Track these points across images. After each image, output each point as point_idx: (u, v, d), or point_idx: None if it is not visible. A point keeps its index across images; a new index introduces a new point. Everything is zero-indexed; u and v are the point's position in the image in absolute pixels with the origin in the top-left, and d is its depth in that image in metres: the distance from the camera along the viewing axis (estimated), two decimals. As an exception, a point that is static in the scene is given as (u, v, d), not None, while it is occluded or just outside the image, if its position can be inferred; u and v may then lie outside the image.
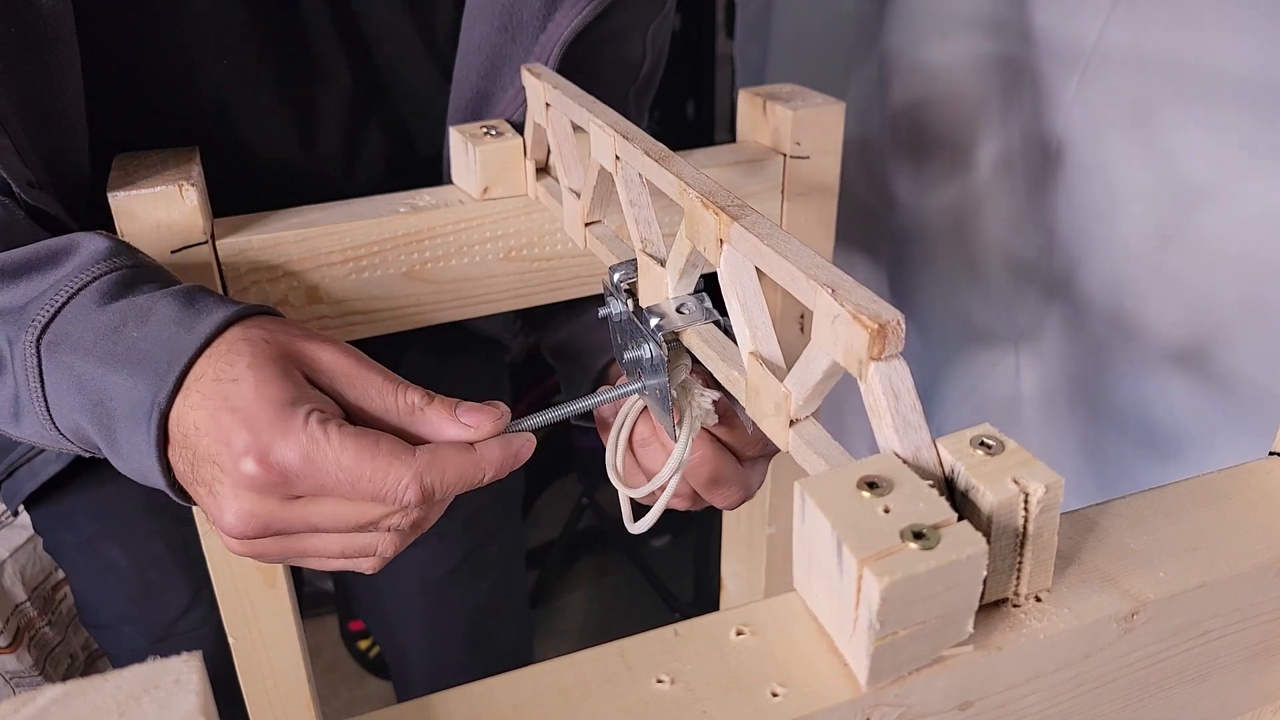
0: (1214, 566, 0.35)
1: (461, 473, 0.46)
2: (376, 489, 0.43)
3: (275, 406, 0.43)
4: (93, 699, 0.25)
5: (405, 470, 0.44)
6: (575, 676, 0.32)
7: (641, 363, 0.49)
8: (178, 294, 0.48)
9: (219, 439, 0.43)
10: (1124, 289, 0.80)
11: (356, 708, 1.61)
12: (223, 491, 0.44)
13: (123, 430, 0.46)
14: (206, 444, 0.44)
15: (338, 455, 0.43)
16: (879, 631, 0.29)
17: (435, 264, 0.62)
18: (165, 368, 0.45)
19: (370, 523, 0.45)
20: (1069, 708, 0.35)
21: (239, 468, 0.43)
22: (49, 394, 0.48)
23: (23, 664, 1.22)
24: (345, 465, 0.43)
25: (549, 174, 0.63)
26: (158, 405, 0.45)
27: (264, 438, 0.42)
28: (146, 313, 0.47)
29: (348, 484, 0.43)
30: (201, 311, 0.47)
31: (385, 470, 0.43)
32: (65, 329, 0.47)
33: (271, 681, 0.71)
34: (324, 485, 0.43)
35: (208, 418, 0.44)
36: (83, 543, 0.83)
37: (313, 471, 0.43)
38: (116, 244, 0.51)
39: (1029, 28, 0.82)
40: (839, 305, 0.34)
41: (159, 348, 0.46)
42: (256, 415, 0.43)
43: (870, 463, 0.33)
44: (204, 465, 0.44)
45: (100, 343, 0.47)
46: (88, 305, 0.48)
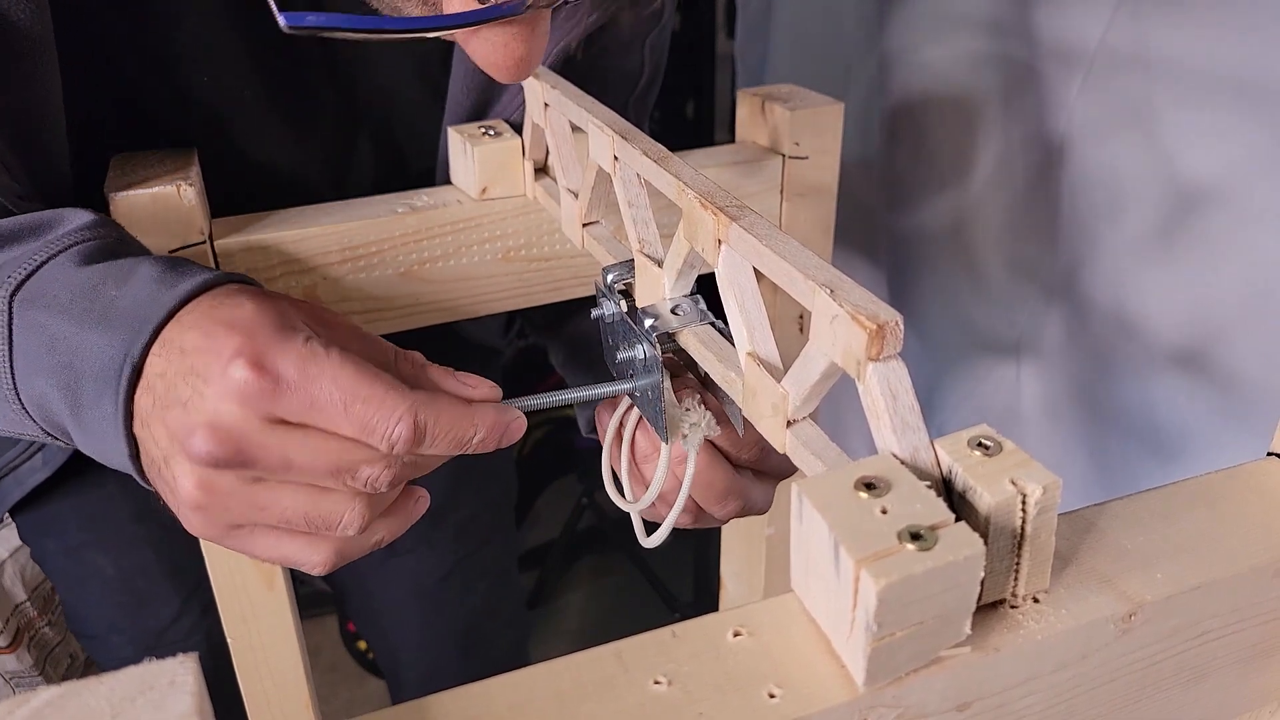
0: (1211, 567, 0.35)
1: (454, 422, 0.43)
2: (369, 415, 0.41)
3: (275, 325, 0.41)
4: (87, 700, 0.25)
5: (401, 400, 0.41)
6: (572, 678, 0.31)
7: (634, 363, 0.49)
8: (161, 258, 0.47)
9: (208, 350, 0.41)
10: (1125, 290, 0.80)
11: (356, 708, 1.61)
12: (199, 405, 0.40)
13: (89, 393, 0.43)
14: (191, 360, 0.41)
15: (335, 371, 0.41)
16: (876, 633, 0.29)
17: (433, 264, 0.62)
18: (141, 323, 0.43)
19: (350, 467, 0.42)
20: (1067, 709, 0.35)
21: (227, 372, 0.40)
22: (16, 356, 0.46)
23: (23, 664, 1.22)
24: (342, 383, 0.40)
25: (547, 174, 0.63)
26: (130, 359, 0.42)
27: (259, 343, 0.40)
28: (127, 274, 0.45)
29: (340, 404, 0.40)
30: (185, 273, 0.45)
31: (382, 395, 0.41)
32: (41, 287, 0.46)
33: (270, 682, 0.71)
34: (315, 402, 0.40)
35: (199, 334, 0.41)
36: (69, 550, 0.81)
37: (306, 384, 0.40)
38: (102, 217, 0.50)
39: (1031, 28, 0.82)
40: (837, 306, 0.34)
41: (137, 305, 0.44)
42: (253, 327, 0.41)
43: (868, 463, 0.33)
44: (183, 383, 0.41)
45: (77, 301, 0.45)
46: (67, 265, 0.46)
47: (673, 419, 0.50)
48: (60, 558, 0.83)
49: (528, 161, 0.63)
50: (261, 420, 0.40)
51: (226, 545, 0.45)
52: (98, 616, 0.84)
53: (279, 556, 0.45)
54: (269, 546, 0.45)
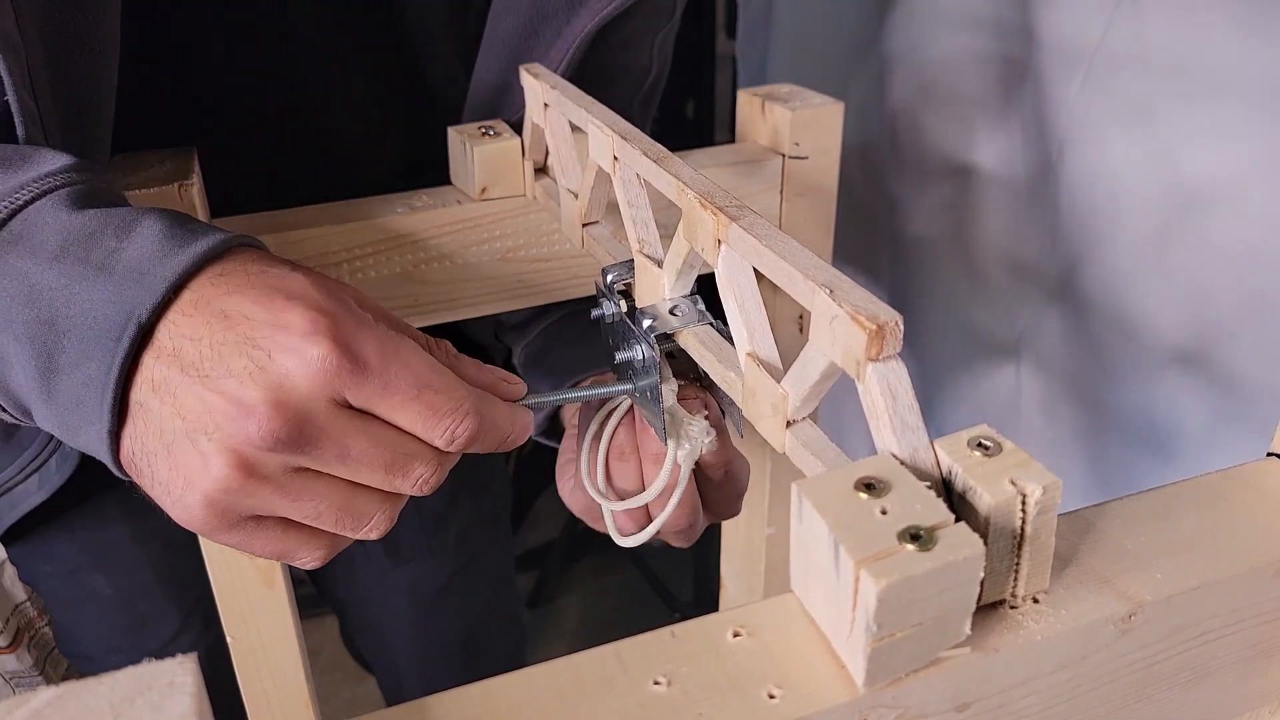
0: (1211, 568, 0.35)
1: (499, 423, 0.43)
2: (439, 405, 0.40)
3: (339, 300, 0.39)
4: (86, 701, 0.25)
5: (468, 395, 0.41)
6: (572, 678, 0.31)
7: (633, 364, 0.49)
8: (165, 212, 0.42)
9: (272, 323, 0.38)
10: (1125, 289, 0.80)
11: (356, 708, 1.61)
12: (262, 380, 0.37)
13: (71, 354, 0.38)
14: (248, 330, 0.38)
15: (410, 359, 0.39)
16: (876, 633, 0.29)
17: (433, 264, 0.62)
18: (156, 279, 0.38)
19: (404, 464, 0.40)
20: (1066, 709, 0.35)
21: (304, 349, 0.37)
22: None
23: (23, 664, 1.22)
24: (416, 371, 0.39)
25: (547, 174, 0.63)
26: (136, 319, 0.38)
27: (339, 323, 0.38)
28: (130, 223, 0.40)
29: (414, 391, 0.39)
30: (197, 231, 0.41)
31: (452, 386, 0.40)
32: (25, 230, 0.40)
33: (270, 682, 0.71)
34: (389, 386, 0.39)
35: (254, 303, 0.38)
36: (64, 575, 0.80)
37: (385, 368, 0.38)
38: (81, 160, 0.44)
39: (1031, 27, 0.82)
40: (837, 306, 0.34)
41: (147, 260, 0.39)
42: (321, 301, 0.38)
43: (867, 464, 0.33)
44: (237, 353, 0.37)
45: (70, 249, 0.39)
46: (57, 207, 0.41)
47: (674, 423, 0.50)
48: (55, 581, 0.81)
49: (527, 161, 0.63)
50: (329, 402, 0.38)
51: (224, 539, 0.41)
52: (94, 638, 0.83)
53: (278, 551, 0.42)
54: (271, 540, 0.42)
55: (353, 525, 0.42)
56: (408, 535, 0.89)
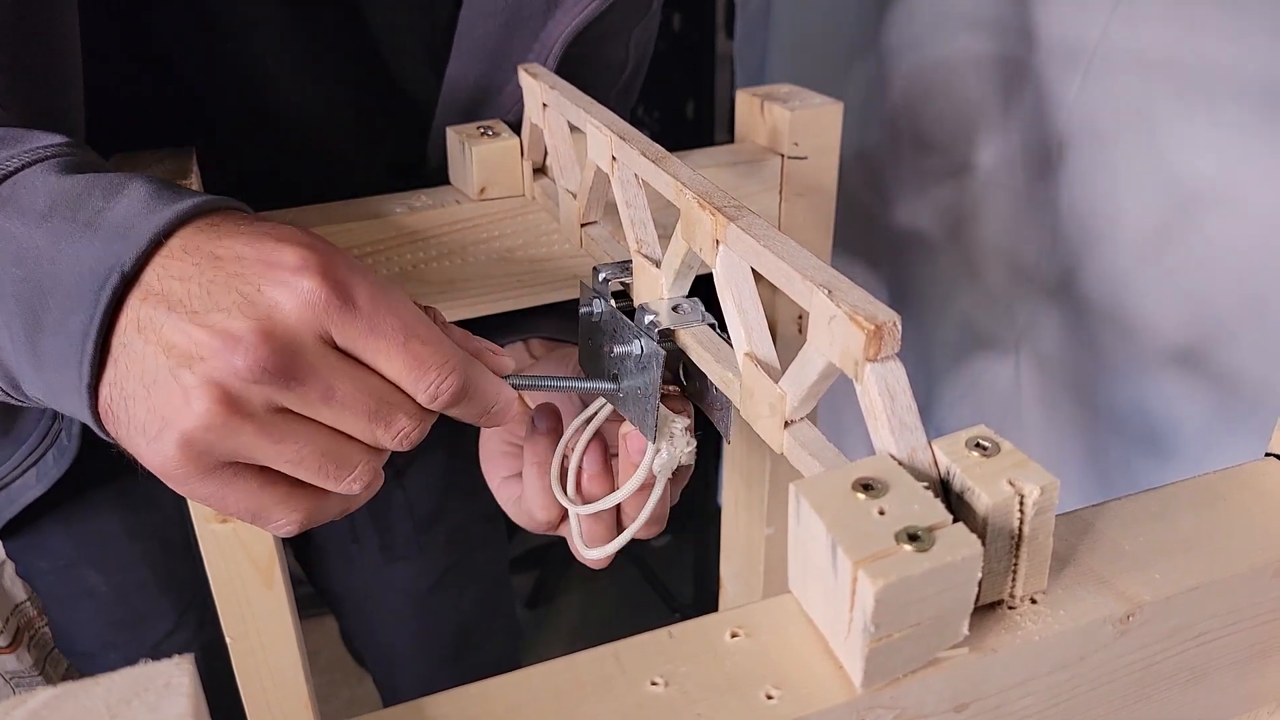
0: (1210, 568, 0.35)
1: (487, 390, 0.43)
2: (425, 356, 0.39)
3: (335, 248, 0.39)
4: (83, 702, 0.25)
5: (454, 352, 0.41)
6: (570, 678, 0.31)
7: (629, 359, 0.49)
8: (154, 176, 0.42)
9: (262, 260, 0.37)
10: (1124, 289, 0.80)
11: (356, 708, 1.61)
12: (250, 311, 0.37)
13: (56, 312, 0.38)
14: (235, 268, 0.37)
15: (401, 306, 0.39)
16: (874, 634, 0.29)
17: (432, 264, 0.62)
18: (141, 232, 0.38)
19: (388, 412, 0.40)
20: (1064, 710, 0.35)
21: (295, 281, 0.37)
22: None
23: (23, 664, 1.22)
24: (405, 319, 0.39)
25: (546, 174, 0.63)
26: (120, 270, 0.37)
27: (330, 260, 0.38)
28: (118, 185, 0.40)
29: (401, 337, 0.39)
30: (185, 193, 0.41)
31: (440, 340, 0.40)
32: (14, 193, 0.40)
33: (270, 682, 0.71)
34: (376, 329, 0.38)
35: (245, 244, 0.38)
36: (61, 569, 0.80)
37: (373, 311, 0.38)
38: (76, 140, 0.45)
39: (1030, 28, 0.82)
40: (835, 306, 0.34)
41: (133, 216, 0.39)
42: (314, 243, 0.38)
43: (865, 464, 0.33)
44: (224, 290, 0.37)
45: (57, 209, 0.39)
46: (47, 173, 0.41)
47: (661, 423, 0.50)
48: (50, 576, 0.81)
49: (526, 162, 0.63)
50: (316, 337, 0.38)
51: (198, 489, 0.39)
52: (90, 634, 0.83)
53: (254, 507, 0.41)
54: (248, 494, 0.40)
55: (335, 473, 0.40)
56: (400, 533, 0.90)
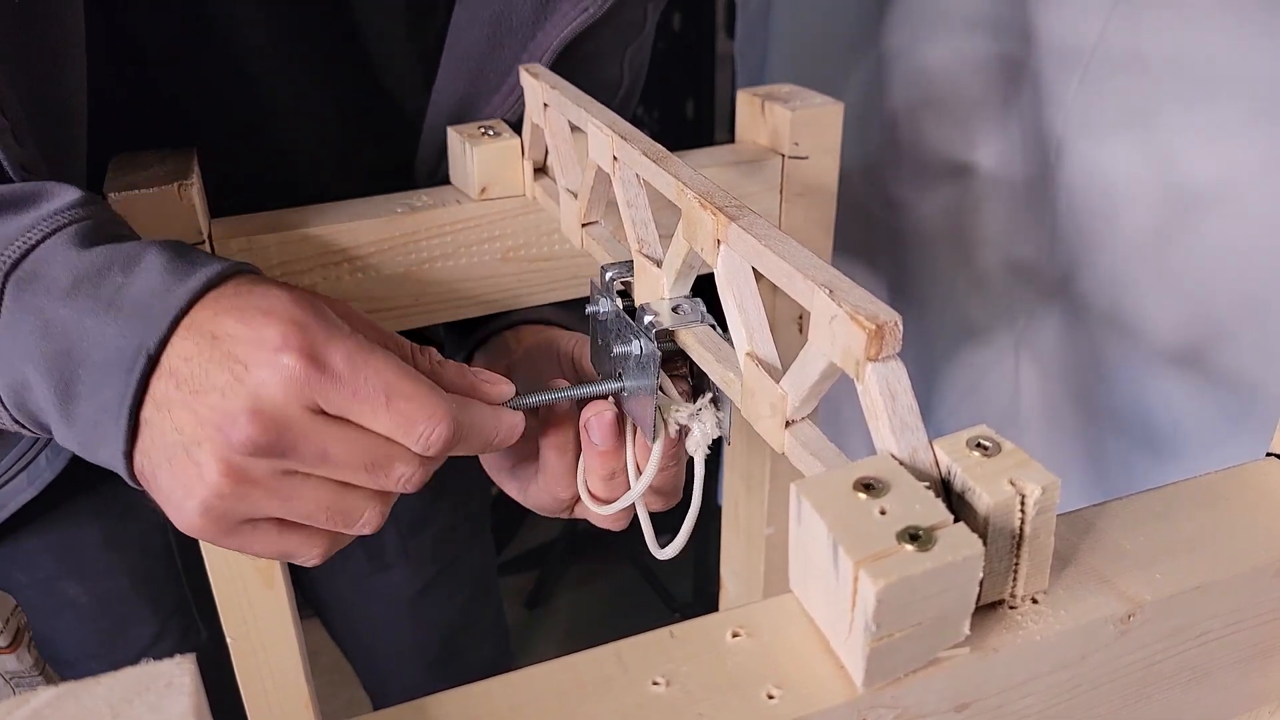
0: (1211, 568, 0.35)
1: (482, 426, 0.45)
2: (410, 412, 0.42)
3: (315, 314, 0.42)
4: (85, 702, 0.25)
5: (441, 402, 0.43)
6: (571, 678, 0.31)
7: (629, 359, 0.49)
8: (166, 243, 0.45)
9: (250, 339, 0.40)
10: (1124, 289, 0.80)
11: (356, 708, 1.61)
12: (240, 391, 0.40)
13: (88, 384, 0.42)
14: (229, 346, 0.41)
15: (380, 366, 0.41)
16: (875, 633, 0.29)
17: (432, 264, 0.62)
18: (159, 313, 0.42)
19: (384, 463, 0.43)
20: (1065, 709, 0.35)
21: (275, 360, 0.40)
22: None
23: (23, 664, 1.22)
24: (386, 378, 0.41)
25: (547, 174, 0.63)
26: (145, 351, 0.41)
27: (308, 334, 0.41)
28: (133, 259, 0.44)
29: (383, 398, 0.41)
30: (195, 262, 0.44)
31: (424, 395, 0.42)
32: (37, 269, 0.43)
33: (270, 683, 0.71)
34: (358, 393, 0.41)
35: (235, 321, 0.41)
36: (40, 582, 0.79)
37: (353, 376, 0.41)
38: (89, 194, 0.48)
39: (1029, 28, 0.82)
40: (836, 306, 0.34)
41: (151, 295, 0.42)
42: (296, 315, 0.41)
43: (866, 464, 0.33)
44: (218, 370, 0.40)
45: (80, 286, 0.43)
46: (65, 246, 0.44)
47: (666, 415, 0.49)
48: (30, 590, 0.80)
49: (527, 161, 0.63)
50: (303, 408, 0.41)
51: (225, 543, 0.44)
52: (73, 644, 0.83)
53: (277, 551, 0.45)
54: (271, 542, 0.44)
55: (344, 522, 0.44)
56: (387, 540, 0.90)
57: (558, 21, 0.61)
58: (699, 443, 0.49)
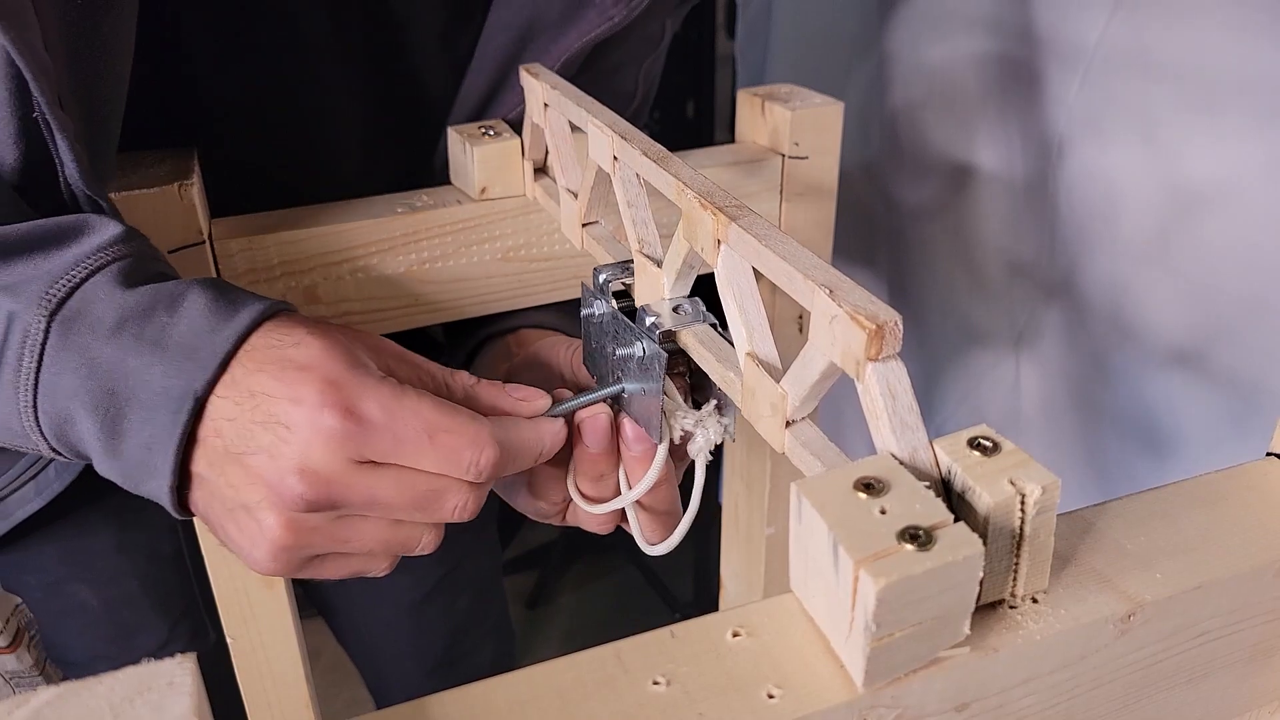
0: (1211, 568, 0.35)
1: (526, 442, 0.46)
2: (454, 444, 0.43)
3: (348, 365, 0.42)
4: (86, 701, 0.25)
5: (482, 428, 0.44)
6: (572, 677, 0.32)
7: (631, 361, 0.49)
8: (207, 283, 0.46)
9: (288, 397, 0.42)
10: (1124, 290, 0.80)
11: (356, 708, 1.61)
12: (288, 452, 0.41)
13: (135, 422, 0.43)
14: (269, 406, 0.42)
15: (416, 406, 0.42)
16: (875, 633, 0.29)
17: (433, 264, 0.62)
18: (206, 355, 0.43)
19: (434, 499, 0.44)
20: (1065, 709, 0.35)
21: (316, 420, 0.41)
22: (43, 377, 0.44)
23: (23, 664, 1.22)
24: (425, 417, 0.42)
25: (547, 174, 0.63)
26: (193, 394, 0.42)
27: (344, 389, 0.42)
28: (177, 299, 0.45)
29: (426, 438, 0.42)
30: (237, 302, 0.45)
31: (464, 426, 0.43)
32: (82, 308, 0.44)
33: (270, 682, 0.71)
34: (400, 438, 0.42)
35: (271, 379, 0.42)
36: (47, 585, 0.79)
37: (391, 423, 0.42)
38: (129, 228, 0.48)
39: (1030, 28, 0.82)
40: (837, 306, 0.34)
41: (195, 335, 0.44)
42: (330, 370, 0.42)
43: (867, 464, 0.33)
44: (262, 430, 0.42)
45: (125, 326, 0.44)
46: (110, 285, 0.45)
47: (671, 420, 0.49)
48: (38, 592, 0.81)
49: (527, 161, 0.63)
50: (348, 461, 0.42)
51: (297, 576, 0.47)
52: (82, 647, 0.83)
53: (348, 572, 0.47)
54: (338, 568, 0.47)
55: (403, 549, 0.46)
56: None
57: (583, 28, 0.62)
58: (701, 447, 0.49)
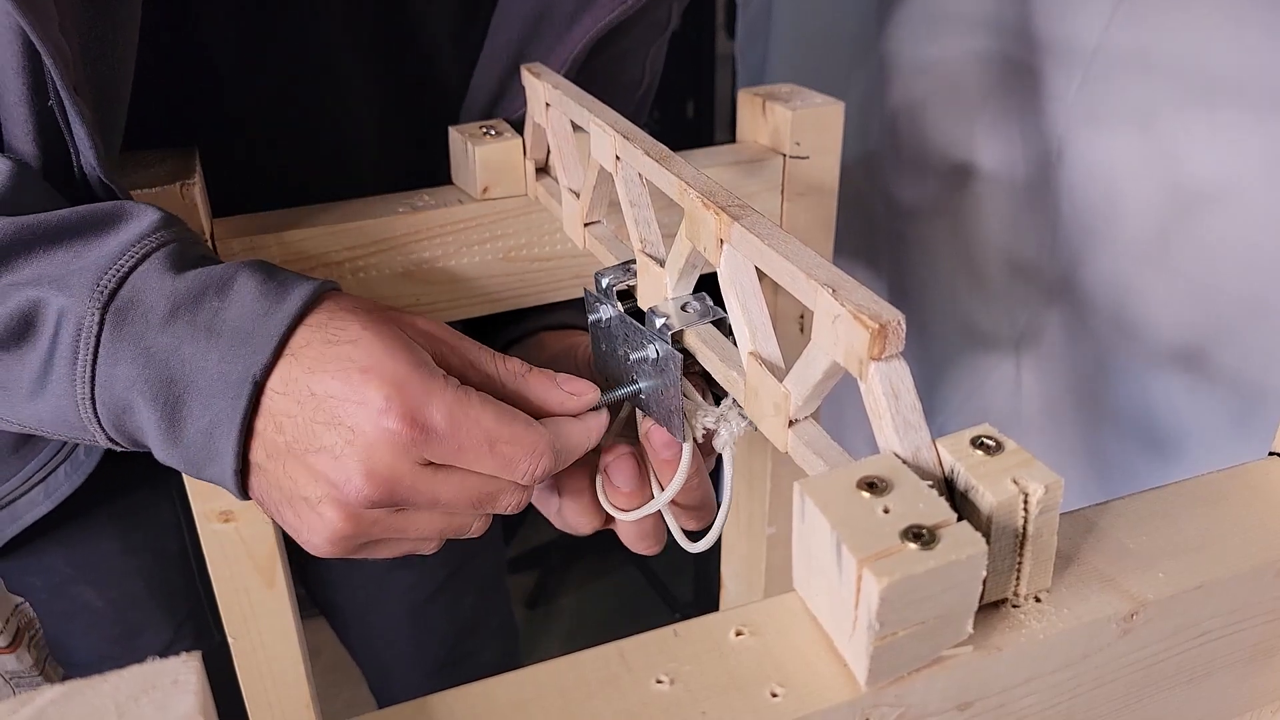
0: (1213, 567, 0.35)
1: (578, 441, 0.47)
2: (513, 454, 0.44)
3: (411, 365, 0.43)
4: (91, 700, 0.25)
5: (540, 437, 0.45)
6: (575, 677, 0.32)
7: (646, 363, 0.49)
8: (254, 266, 0.46)
9: (353, 399, 0.42)
10: (1125, 289, 0.80)
11: (356, 708, 1.61)
12: (353, 454, 0.42)
13: (195, 408, 0.43)
14: (332, 407, 0.42)
15: (479, 415, 0.43)
16: (878, 632, 0.29)
17: (435, 264, 0.62)
18: (261, 339, 0.43)
19: (490, 499, 0.46)
20: (1068, 708, 0.35)
21: (381, 424, 0.42)
22: (99, 369, 0.44)
23: (23, 664, 1.22)
24: (486, 426, 0.43)
25: (549, 174, 0.63)
26: (252, 378, 0.43)
27: (409, 395, 0.42)
28: (226, 283, 0.45)
29: (486, 447, 0.43)
30: (286, 284, 0.45)
31: (522, 435, 0.44)
32: (133, 297, 0.44)
33: (270, 681, 0.71)
34: (462, 447, 0.43)
35: (333, 379, 0.42)
36: (53, 587, 0.79)
37: (455, 432, 0.43)
38: (167, 214, 0.48)
39: (1030, 28, 0.82)
40: (839, 305, 0.34)
41: (248, 319, 0.44)
42: (394, 373, 0.42)
43: (870, 463, 0.33)
44: (326, 430, 0.42)
45: (178, 313, 0.44)
46: (159, 272, 0.45)
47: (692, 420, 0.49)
48: (44, 593, 0.81)
49: (529, 161, 0.63)
50: (412, 464, 0.43)
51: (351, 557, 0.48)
52: (86, 648, 0.83)
53: (399, 554, 0.49)
54: (392, 550, 0.48)
55: (455, 534, 0.48)
56: None
57: (596, 14, 0.62)
58: (726, 441, 0.49)
